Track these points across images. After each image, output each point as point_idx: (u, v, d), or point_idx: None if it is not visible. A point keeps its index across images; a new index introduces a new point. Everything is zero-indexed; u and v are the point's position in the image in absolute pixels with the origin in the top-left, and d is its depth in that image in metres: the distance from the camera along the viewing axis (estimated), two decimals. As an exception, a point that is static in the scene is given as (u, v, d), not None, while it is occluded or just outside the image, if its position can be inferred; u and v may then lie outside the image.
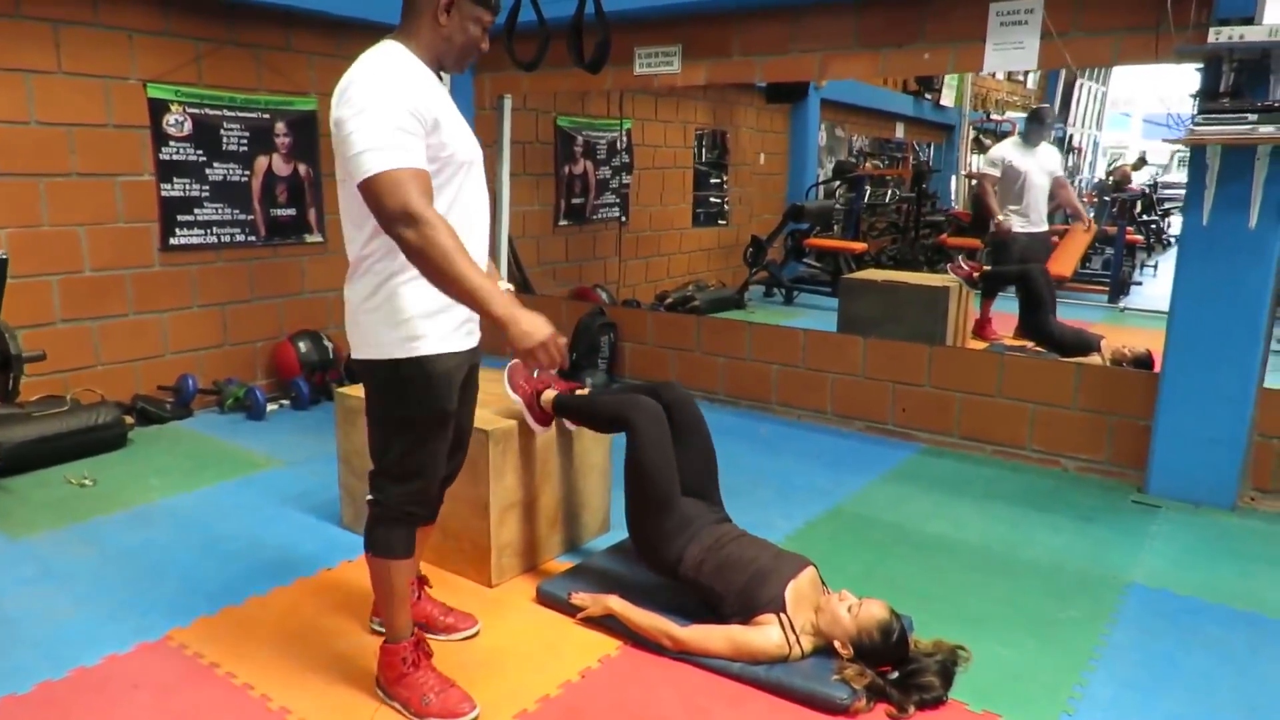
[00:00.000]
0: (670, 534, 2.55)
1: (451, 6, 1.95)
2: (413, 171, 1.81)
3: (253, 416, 4.55)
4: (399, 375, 2.01)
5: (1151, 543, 3.26)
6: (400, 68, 1.91)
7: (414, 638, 2.21)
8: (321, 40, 5.02)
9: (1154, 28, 3.48)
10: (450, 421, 2.14)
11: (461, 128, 2.04)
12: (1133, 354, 5.00)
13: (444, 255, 1.78)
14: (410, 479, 2.11)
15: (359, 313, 2.04)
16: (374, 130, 1.80)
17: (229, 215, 4.73)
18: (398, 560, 2.15)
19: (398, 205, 1.77)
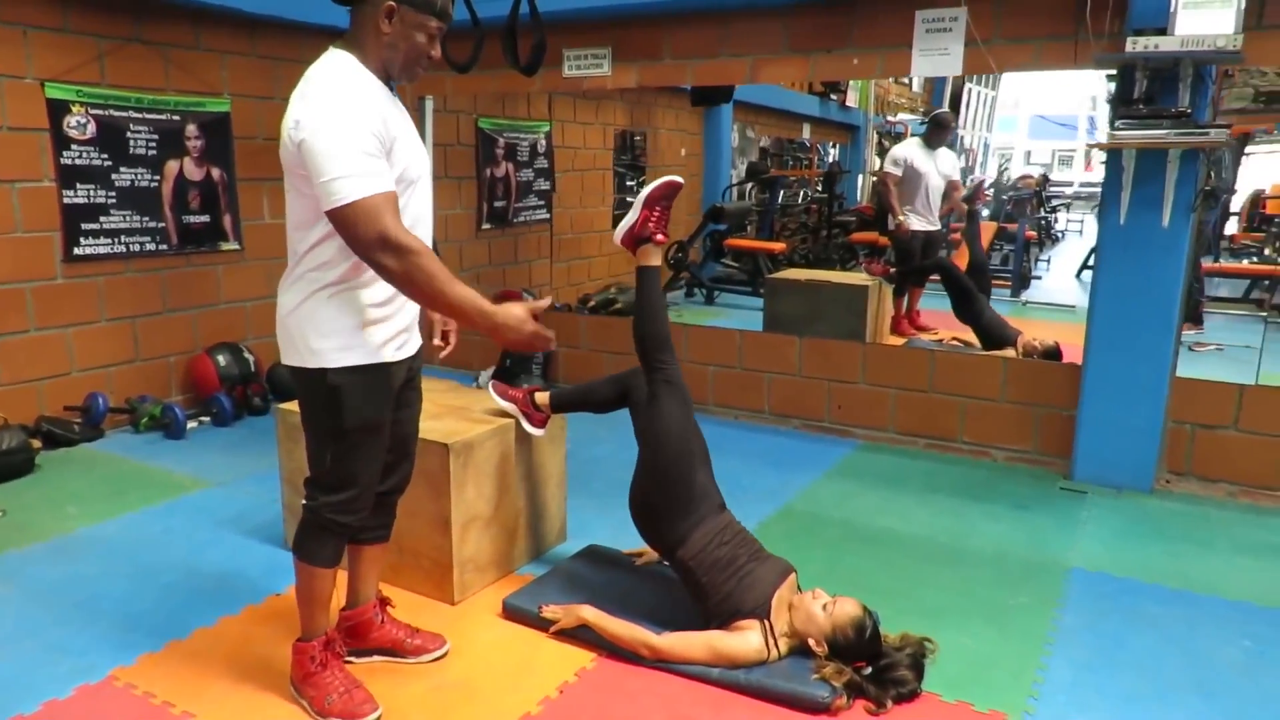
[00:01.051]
0: (682, 510, 2.48)
1: (393, 14, 1.91)
2: (385, 196, 1.82)
3: (171, 435, 4.30)
4: (329, 385, 2.01)
5: (1084, 527, 3.42)
6: (356, 85, 1.90)
7: (325, 637, 2.22)
8: (234, 38, 4.79)
9: (1072, 36, 3.65)
10: (383, 431, 2.13)
11: (414, 143, 2.04)
12: (1042, 346, 5.24)
13: (429, 279, 1.82)
14: (341, 488, 2.10)
15: (289, 319, 2.04)
16: (343, 156, 1.80)
17: (138, 223, 4.47)
18: (322, 568, 2.16)
19: (375, 233, 1.79)
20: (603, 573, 2.86)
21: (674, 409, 2.55)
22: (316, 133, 1.81)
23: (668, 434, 2.53)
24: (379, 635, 2.41)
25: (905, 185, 6.20)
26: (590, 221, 8.12)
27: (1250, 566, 3.11)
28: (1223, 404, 3.70)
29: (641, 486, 2.57)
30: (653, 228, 2.62)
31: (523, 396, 2.92)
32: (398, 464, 2.29)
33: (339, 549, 2.19)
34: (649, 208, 2.62)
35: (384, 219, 1.79)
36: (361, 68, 1.93)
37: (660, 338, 2.62)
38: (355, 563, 2.38)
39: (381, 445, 2.14)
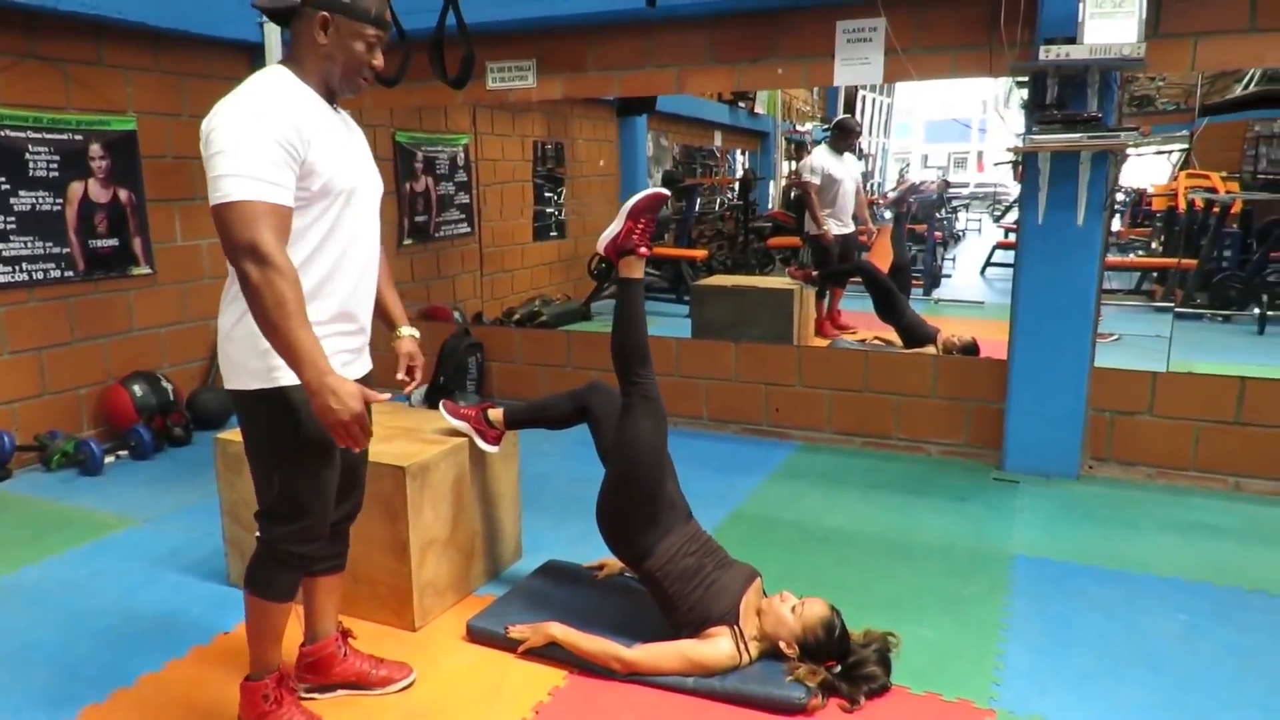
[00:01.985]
0: (649, 521, 2.48)
1: (328, 24, 1.88)
2: (272, 206, 1.75)
3: (87, 472, 4.07)
4: (270, 406, 1.94)
5: (1020, 515, 3.57)
6: (277, 93, 1.84)
7: (278, 673, 2.13)
8: (138, 54, 4.58)
9: (986, 45, 3.81)
10: (335, 453, 2.03)
11: (345, 156, 1.95)
12: (961, 343, 5.44)
13: (278, 304, 1.71)
14: (296, 518, 2.01)
15: (227, 340, 1.97)
16: (241, 156, 1.74)
17: (41, 249, 4.22)
18: (276, 603, 2.07)
19: (246, 238, 1.72)
20: (565, 588, 2.83)
21: (648, 424, 2.55)
22: (218, 130, 1.76)
23: (639, 449, 2.52)
24: (343, 669, 2.33)
25: (823, 192, 6.36)
26: (512, 234, 8.05)
27: (1175, 543, 3.29)
28: (1138, 391, 3.91)
29: (609, 499, 2.56)
30: (636, 239, 2.59)
31: (475, 414, 2.87)
32: (348, 492, 2.21)
33: (295, 582, 2.10)
34: (634, 219, 2.59)
35: (260, 227, 1.72)
36: (296, 81, 1.89)
37: (639, 351, 2.60)
38: (311, 596, 2.29)
39: (334, 469, 2.06)
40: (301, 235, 1.88)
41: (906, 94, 19.60)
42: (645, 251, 2.61)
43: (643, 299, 2.64)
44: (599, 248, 2.66)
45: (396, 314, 2.34)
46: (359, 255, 2.02)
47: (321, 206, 1.90)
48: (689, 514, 2.62)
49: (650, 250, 2.63)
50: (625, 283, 2.63)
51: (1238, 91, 8.62)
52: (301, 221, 1.87)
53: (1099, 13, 3.36)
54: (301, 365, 1.73)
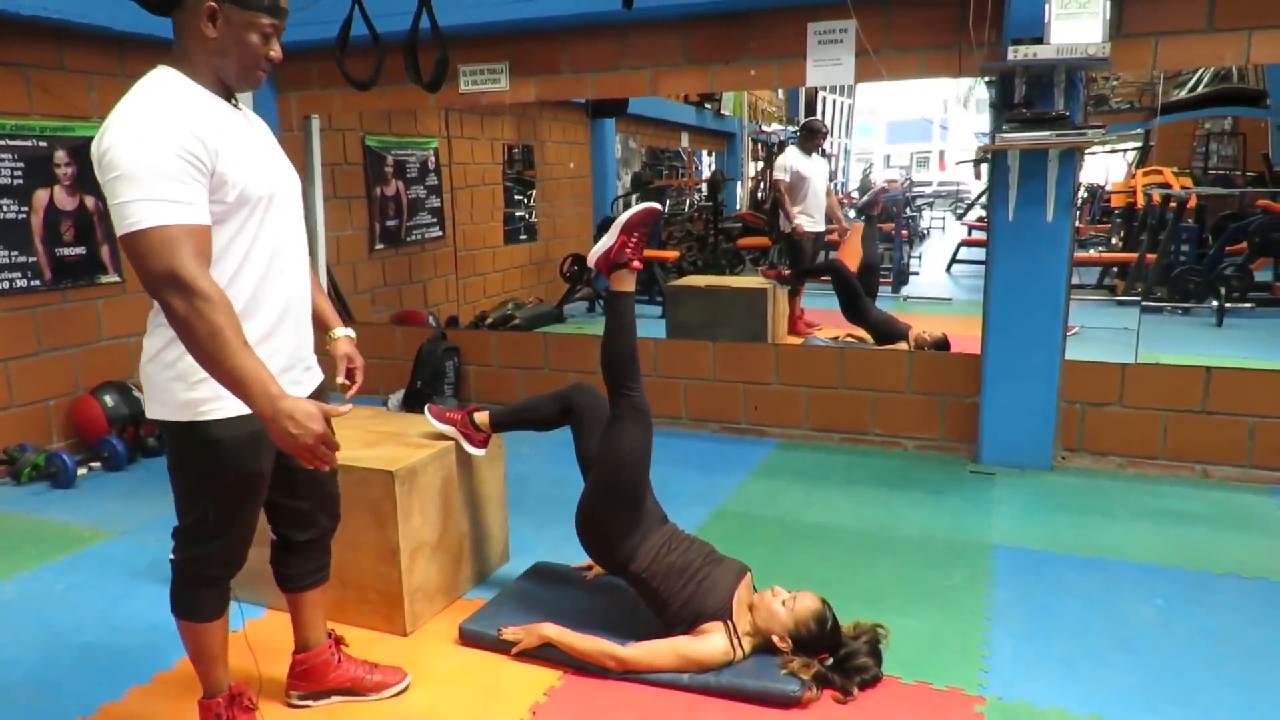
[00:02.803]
0: (629, 528, 2.51)
1: (215, 15, 1.72)
2: (188, 229, 1.62)
3: (60, 484, 3.99)
4: (197, 439, 1.83)
5: (997, 507, 3.63)
6: (170, 99, 1.70)
7: (229, 692, 2.09)
8: (102, 58, 4.50)
9: (955, 45, 3.88)
10: (263, 484, 1.96)
11: (257, 159, 1.84)
12: (932, 338, 5.53)
13: (212, 334, 1.59)
14: (212, 538, 1.94)
15: (151, 367, 1.85)
16: (141, 178, 1.60)
17: (6, 258, 4.13)
18: (206, 623, 2.01)
19: (164, 267, 1.59)
20: (555, 589, 2.84)
21: (637, 434, 2.57)
22: (113, 150, 1.61)
23: (625, 457, 2.55)
24: (337, 676, 2.32)
25: (793, 190, 6.47)
26: (483, 237, 8.03)
27: (1148, 530, 3.37)
28: (1108, 383, 4.00)
29: (591, 507, 2.58)
30: (629, 253, 2.59)
31: (461, 418, 2.87)
32: (318, 508, 2.16)
33: (220, 598, 2.02)
34: (627, 233, 2.59)
35: (179, 253, 1.59)
36: (187, 81, 1.74)
37: (630, 362, 2.61)
38: (298, 609, 2.27)
39: (262, 496, 1.98)
40: (225, 251, 1.76)
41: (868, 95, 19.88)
42: (638, 265, 2.61)
43: (634, 311, 2.65)
44: (590, 261, 2.66)
45: (328, 315, 2.22)
46: (288, 262, 1.92)
47: (241, 217, 1.78)
48: (664, 518, 2.66)
49: (642, 265, 2.63)
50: (616, 296, 2.63)
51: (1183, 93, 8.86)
52: (222, 236, 1.75)
53: (1065, 14, 3.44)
54: (251, 395, 1.61)
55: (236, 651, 2.20)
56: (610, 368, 2.61)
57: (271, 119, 5.27)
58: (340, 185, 6.13)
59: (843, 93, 17.60)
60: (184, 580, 2.00)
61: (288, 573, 2.22)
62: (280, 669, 2.37)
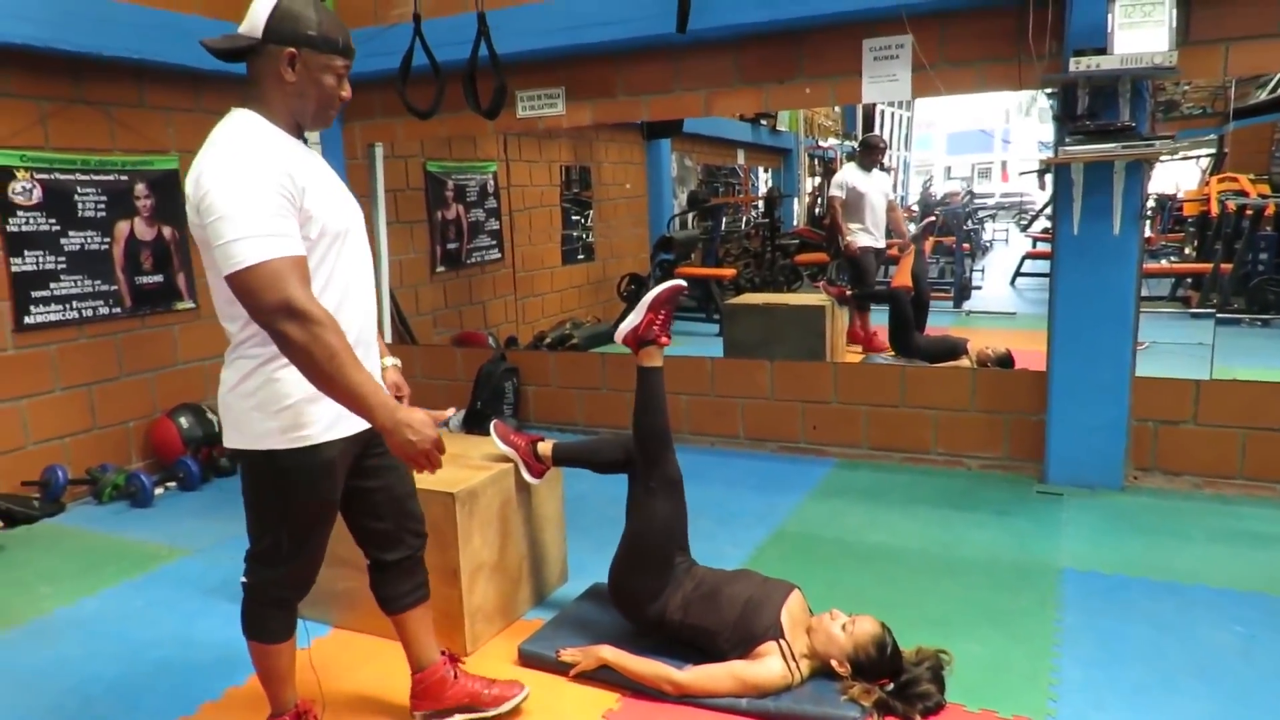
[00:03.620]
0: (656, 592, 2.55)
1: (295, 60, 1.81)
2: (291, 260, 1.70)
3: (138, 504, 4.15)
4: (276, 467, 1.91)
5: (1066, 528, 3.53)
6: (258, 140, 1.79)
7: (295, 710, 2.17)
8: (178, 95, 4.71)
9: (1014, 58, 3.82)
10: (333, 511, 2.04)
11: (333, 195, 1.92)
12: (995, 354, 5.41)
13: (330, 356, 1.68)
14: (283, 564, 2.02)
15: (231, 397, 1.92)
16: (244, 216, 1.67)
17: (90, 287, 4.33)
18: (275, 645, 2.09)
19: (277, 299, 1.66)
20: (612, 611, 2.83)
21: (667, 507, 2.60)
22: (213, 194, 1.69)
23: (656, 532, 2.59)
24: (455, 692, 2.32)
25: (850, 207, 6.43)
26: (541, 259, 8.13)
27: (1226, 554, 3.24)
28: (1181, 400, 3.87)
29: (620, 574, 2.63)
30: (657, 330, 2.62)
31: (525, 445, 2.89)
32: (402, 527, 2.20)
33: (288, 620, 2.10)
34: (654, 310, 2.62)
35: (289, 284, 1.66)
36: (266, 124, 1.83)
37: (662, 434, 2.62)
38: (404, 631, 2.30)
39: (331, 522, 2.05)
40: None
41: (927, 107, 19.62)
42: (666, 341, 2.65)
43: (663, 387, 2.67)
44: (617, 338, 2.68)
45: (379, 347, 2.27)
46: (360, 294, 2.00)
47: (321, 250, 1.86)
48: (692, 562, 2.67)
49: (669, 340, 2.65)
50: (646, 372, 2.65)
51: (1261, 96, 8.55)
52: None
53: (1128, 23, 3.37)
54: (371, 409, 1.72)
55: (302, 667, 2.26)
56: (643, 441, 2.64)
57: (336, 148, 5.45)
58: (402, 210, 6.28)
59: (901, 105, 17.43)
60: (254, 602, 2.08)
61: (386, 594, 2.26)
62: (344, 687, 2.42)
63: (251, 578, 2.06)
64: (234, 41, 1.84)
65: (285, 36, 1.80)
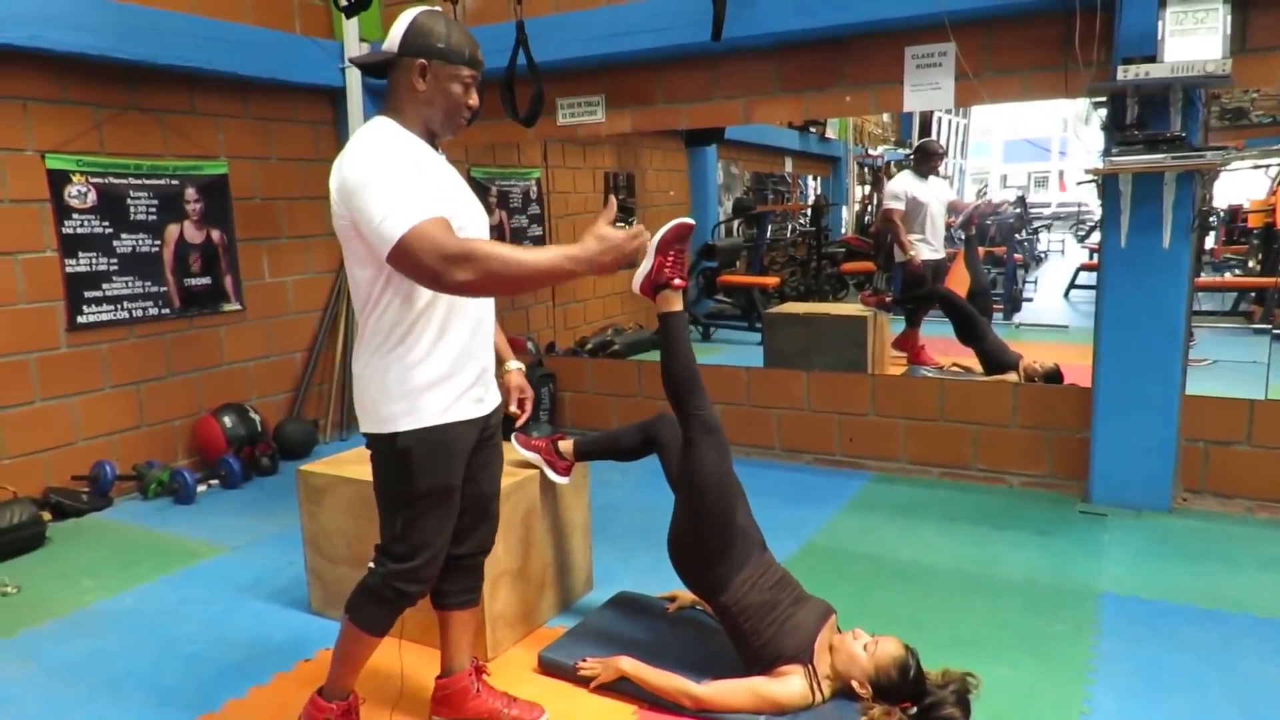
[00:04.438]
0: (721, 553, 2.44)
1: (426, 71, 1.94)
2: (433, 220, 1.79)
3: (181, 500, 4.25)
4: (398, 449, 1.99)
5: (1108, 550, 3.42)
6: (392, 138, 1.93)
7: (346, 703, 2.19)
8: (228, 102, 4.82)
9: (1061, 66, 3.72)
10: (455, 496, 2.10)
11: (459, 194, 2.03)
12: (1043, 369, 5.27)
13: (504, 264, 1.76)
14: (411, 556, 2.07)
15: (360, 385, 2.04)
16: (388, 196, 1.79)
17: (140, 288, 4.46)
18: (371, 636, 2.13)
19: (432, 255, 1.75)
20: (635, 621, 2.83)
21: (711, 454, 2.52)
22: (355, 185, 1.83)
23: (706, 481, 2.50)
24: (475, 705, 2.34)
25: (909, 217, 6.25)
26: (584, 265, 8.15)
27: (1277, 582, 3.11)
28: (1234, 420, 3.73)
29: (680, 532, 2.55)
30: (669, 272, 2.53)
31: (546, 445, 2.91)
32: (475, 525, 2.25)
33: (393, 618, 2.14)
34: (662, 253, 2.54)
35: (437, 238, 1.76)
36: (401, 129, 1.96)
37: (691, 381, 2.56)
38: (445, 629, 2.33)
39: (453, 510, 2.11)
40: None
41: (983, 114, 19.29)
42: (680, 283, 2.54)
43: (686, 330, 2.60)
44: (634, 288, 2.59)
45: (504, 349, 2.41)
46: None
47: None
48: (763, 544, 2.59)
49: (685, 281, 2.56)
50: (666, 317, 2.58)
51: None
52: None
53: (1180, 30, 3.27)
54: (568, 270, 1.79)
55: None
56: (673, 390, 2.57)
57: (382, 154, 5.52)
58: (446, 216, 6.34)
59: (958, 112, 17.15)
60: (374, 591, 2.10)
61: (440, 589, 2.28)
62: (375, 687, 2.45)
63: (379, 568, 2.09)
64: (377, 56, 2.00)
65: (416, 49, 1.94)
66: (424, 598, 2.19)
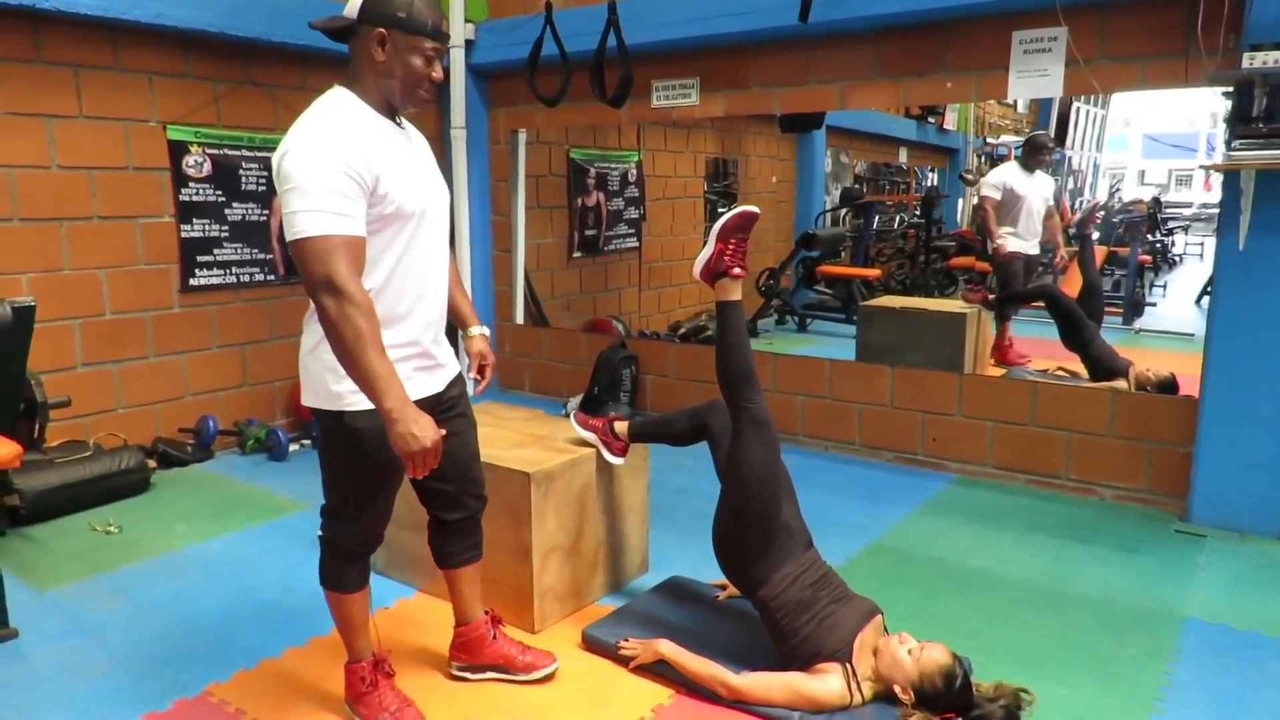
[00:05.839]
0: (763, 548, 2.42)
1: (385, 40, 1.89)
2: (344, 240, 1.79)
3: (274, 458, 4.49)
4: (345, 427, 2.00)
5: (1201, 574, 3.20)
6: (342, 120, 1.88)
7: (373, 658, 2.27)
8: (336, 78, 5.00)
9: (1183, 53, 3.47)
10: (395, 473, 2.09)
11: (412, 176, 1.99)
12: (1157, 378, 4.94)
13: (356, 337, 1.76)
14: (357, 519, 2.14)
15: (308, 359, 2.05)
16: (311, 191, 1.78)
17: (248, 255, 4.71)
18: (349, 594, 2.21)
19: (322, 273, 1.76)
20: (683, 607, 2.82)
21: (758, 448, 2.46)
22: (288, 167, 1.81)
23: (750, 474, 2.45)
24: (491, 651, 2.46)
25: (1004, 208, 6.03)
26: (681, 249, 8.14)
27: (1392, 622, 2.84)
28: (1359, 443, 3.41)
29: (723, 524, 2.52)
30: (729, 260, 2.50)
31: (603, 425, 2.92)
32: (460, 494, 2.30)
33: (363, 572, 2.23)
34: (723, 240, 2.51)
35: (335, 261, 1.76)
36: (357, 101, 1.93)
37: (745, 374, 2.52)
38: (454, 586, 2.43)
39: (394, 484, 2.15)
40: (377, 259, 1.93)
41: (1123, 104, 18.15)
42: (739, 272, 2.51)
43: (743, 321, 2.57)
44: (695, 273, 2.58)
45: (467, 314, 2.40)
46: (434, 272, 2.09)
47: (394, 230, 1.95)
48: (809, 542, 2.53)
49: (744, 271, 2.52)
50: (724, 306, 2.55)
51: None
52: (376, 246, 1.91)
53: (1317, 14, 2.98)
54: (381, 396, 1.78)
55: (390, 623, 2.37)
56: (726, 380, 2.53)
57: (481, 133, 5.65)
58: (543, 196, 6.44)
59: (1095, 102, 16.23)
60: (330, 555, 2.22)
61: (442, 551, 2.40)
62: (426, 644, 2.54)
63: (326, 532, 2.20)
64: (335, 22, 1.95)
65: (376, 18, 1.89)
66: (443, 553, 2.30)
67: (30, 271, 3.95)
